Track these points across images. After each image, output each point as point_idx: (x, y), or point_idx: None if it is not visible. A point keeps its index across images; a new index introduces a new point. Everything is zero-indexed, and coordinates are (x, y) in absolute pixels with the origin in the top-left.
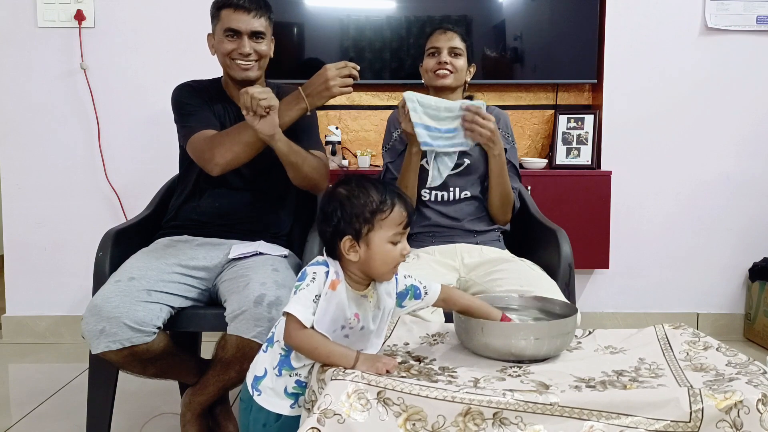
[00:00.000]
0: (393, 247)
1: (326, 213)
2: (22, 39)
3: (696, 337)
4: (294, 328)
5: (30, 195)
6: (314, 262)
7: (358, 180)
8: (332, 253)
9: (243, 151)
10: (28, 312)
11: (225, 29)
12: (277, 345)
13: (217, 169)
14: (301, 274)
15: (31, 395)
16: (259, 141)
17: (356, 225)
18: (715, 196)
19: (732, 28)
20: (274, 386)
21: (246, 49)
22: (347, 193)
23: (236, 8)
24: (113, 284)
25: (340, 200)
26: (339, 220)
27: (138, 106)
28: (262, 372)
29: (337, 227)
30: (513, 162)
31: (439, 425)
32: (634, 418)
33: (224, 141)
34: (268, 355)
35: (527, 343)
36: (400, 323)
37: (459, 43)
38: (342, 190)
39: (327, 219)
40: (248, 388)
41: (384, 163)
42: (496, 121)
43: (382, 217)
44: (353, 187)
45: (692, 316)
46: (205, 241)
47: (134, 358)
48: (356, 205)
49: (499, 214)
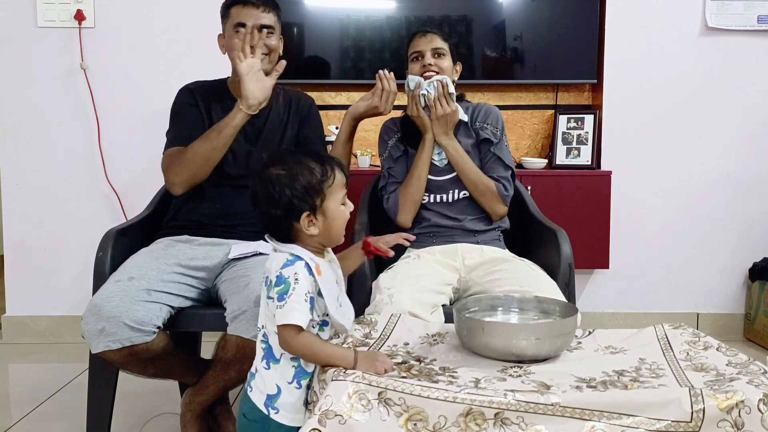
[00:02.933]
0: (344, 208)
1: (270, 197)
2: (22, 39)
3: (696, 337)
4: (290, 336)
5: (30, 195)
6: (284, 263)
7: (287, 156)
8: (284, 236)
9: (201, 167)
10: (28, 312)
11: (235, 24)
12: (284, 359)
13: (177, 188)
14: (277, 279)
15: (31, 395)
16: (216, 151)
17: (310, 199)
18: (716, 196)
19: (732, 28)
20: (294, 401)
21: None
22: (288, 172)
23: (245, 4)
24: (113, 284)
25: (284, 180)
26: (290, 200)
27: (138, 106)
28: (275, 390)
29: (289, 208)
30: (498, 155)
31: (441, 425)
32: (636, 419)
33: (181, 160)
34: (275, 372)
35: (528, 343)
36: (400, 323)
37: (440, 43)
38: (280, 170)
39: (273, 202)
40: (261, 408)
41: (384, 169)
42: (484, 116)
43: (329, 184)
44: (291, 165)
45: (692, 316)
46: (205, 241)
47: (134, 358)
48: (303, 180)
49: (484, 205)
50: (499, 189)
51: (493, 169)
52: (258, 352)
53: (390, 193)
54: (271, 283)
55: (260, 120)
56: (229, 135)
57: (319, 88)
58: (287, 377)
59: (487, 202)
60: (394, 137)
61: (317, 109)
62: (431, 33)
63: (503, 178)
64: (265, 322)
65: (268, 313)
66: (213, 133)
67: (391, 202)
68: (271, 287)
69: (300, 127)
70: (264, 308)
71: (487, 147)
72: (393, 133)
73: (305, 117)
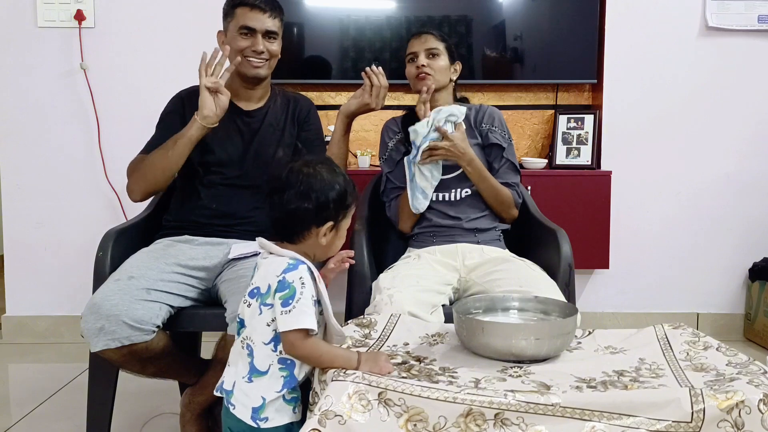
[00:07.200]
0: (344, 234)
1: (308, 190)
2: (22, 39)
3: (696, 337)
4: (298, 339)
5: (30, 195)
6: (286, 267)
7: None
8: (291, 234)
9: (156, 177)
10: (28, 312)
11: (240, 26)
12: (273, 369)
13: (134, 195)
14: (280, 284)
15: (31, 395)
16: (171, 162)
17: (338, 211)
18: (716, 196)
19: (733, 28)
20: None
21: (260, 47)
22: (332, 177)
23: (252, 7)
24: (113, 283)
25: (329, 183)
26: (326, 202)
27: (138, 106)
28: (259, 402)
29: (321, 209)
30: (510, 159)
31: (441, 426)
32: (636, 419)
33: (140, 168)
34: (259, 384)
35: (528, 343)
36: (400, 323)
37: (434, 43)
38: (326, 171)
39: (307, 197)
40: (249, 423)
41: (383, 174)
42: (489, 119)
43: (352, 209)
44: (336, 172)
45: (692, 316)
46: (205, 241)
47: (133, 357)
48: (339, 192)
49: (502, 212)
50: (513, 197)
51: (506, 175)
52: (238, 368)
53: (391, 201)
54: (270, 289)
55: (256, 121)
56: (184, 146)
57: (319, 88)
58: (276, 387)
59: (503, 211)
60: (395, 138)
61: (316, 111)
62: (426, 34)
63: (516, 185)
64: (251, 333)
65: (259, 323)
66: (170, 142)
67: (393, 211)
68: (270, 293)
69: (300, 130)
70: (251, 319)
71: (498, 152)
72: (394, 133)
73: (305, 120)
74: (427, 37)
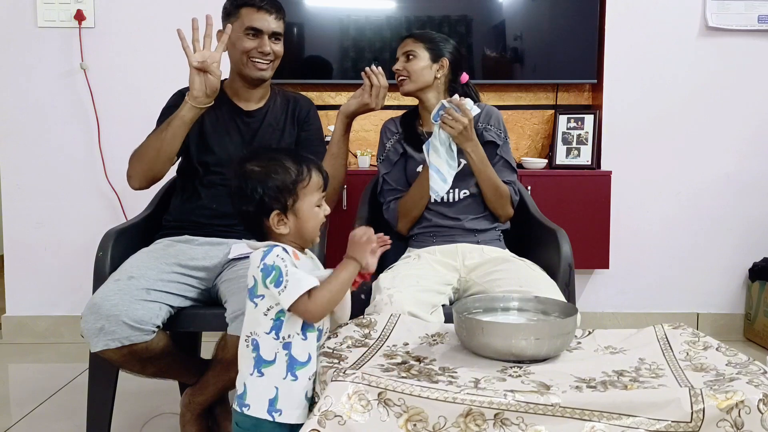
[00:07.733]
0: (319, 210)
1: (244, 192)
2: (22, 39)
3: (696, 337)
4: (306, 302)
5: (30, 195)
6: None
7: (267, 153)
8: (257, 232)
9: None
10: (28, 312)
11: (246, 27)
12: (279, 356)
13: (133, 182)
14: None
15: (31, 395)
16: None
17: (281, 198)
18: (716, 196)
19: (733, 28)
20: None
21: (267, 48)
22: (263, 169)
23: (259, 8)
24: (113, 283)
25: (258, 177)
26: (261, 198)
27: (138, 106)
28: (273, 392)
29: (260, 205)
30: (505, 156)
31: (440, 426)
32: (636, 419)
33: (137, 153)
34: (270, 374)
35: (528, 343)
36: (400, 323)
37: (411, 46)
38: (255, 167)
39: (247, 198)
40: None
41: (380, 175)
42: (486, 118)
43: (304, 185)
44: (267, 162)
45: (692, 316)
46: (205, 241)
47: (133, 357)
48: (276, 179)
49: (498, 209)
50: (510, 193)
51: (502, 173)
52: (245, 366)
53: (389, 202)
54: (256, 281)
55: (256, 121)
56: (177, 126)
57: (319, 88)
58: (282, 374)
59: (501, 206)
60: (393, 138)
61: (316, 111)
62: (407, 38)
63: (512, 182)
64: (254, 328)
65: (258, 315)
66: (164, 125)
67: (390, 213)
68: (259, 283)
69: (299, 129)
70: (251, 314)
71: (493, 150)
72: (392, 134)
73: (305, 120)
74: (407, 40)
